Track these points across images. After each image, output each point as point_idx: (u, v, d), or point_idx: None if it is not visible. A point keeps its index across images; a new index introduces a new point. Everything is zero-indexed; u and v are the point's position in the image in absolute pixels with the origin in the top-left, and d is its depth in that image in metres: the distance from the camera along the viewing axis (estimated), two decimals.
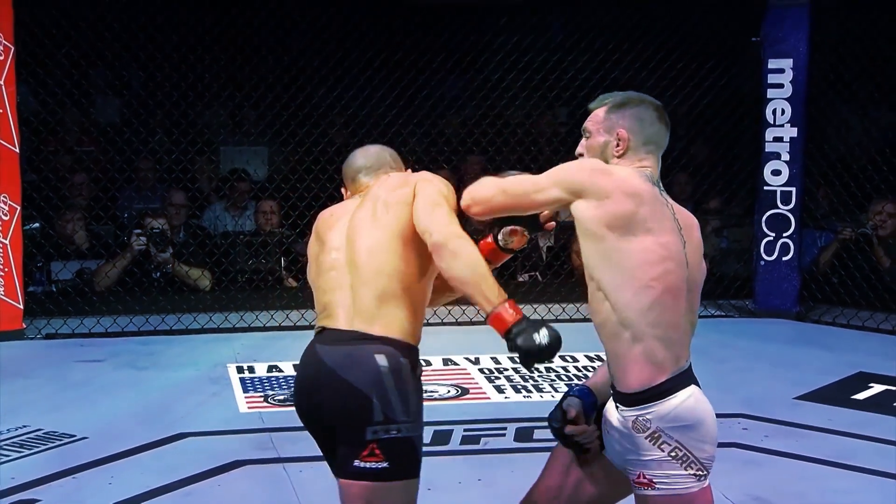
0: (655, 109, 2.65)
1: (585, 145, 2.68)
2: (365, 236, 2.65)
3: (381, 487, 2.53)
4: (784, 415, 5.02)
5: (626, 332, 2.48)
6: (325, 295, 2.70)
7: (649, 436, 2.46)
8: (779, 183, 7.03)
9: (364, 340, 2.56)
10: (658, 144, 2.64)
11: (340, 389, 2.53)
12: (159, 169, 7.55)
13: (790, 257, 7.10)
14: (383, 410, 2.50)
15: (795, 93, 6.94)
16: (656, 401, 2.46)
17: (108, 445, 4.52)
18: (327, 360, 2.57)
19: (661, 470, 2.46)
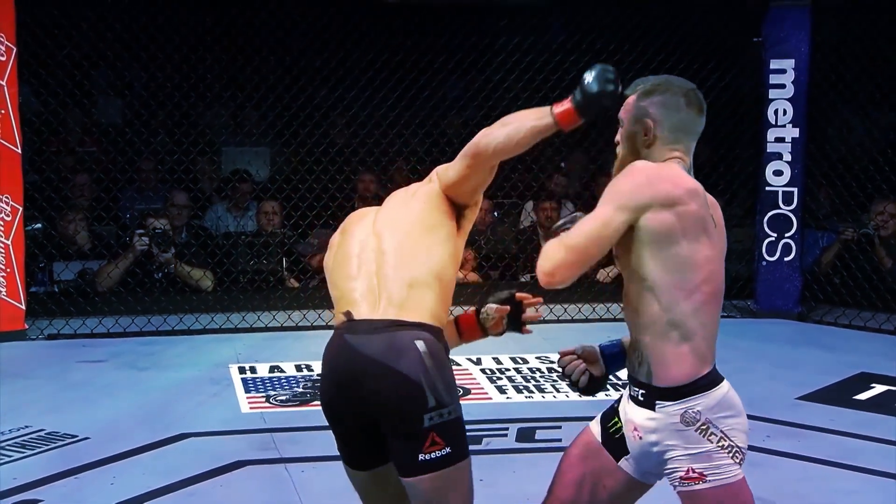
0: (684, 95, 2.57)
1: (621, 134, 2.62)
2: (394, 225, 2.68)
3: (451, 472, 2.55)
4: (786, 415, 5.03)
5: (675, 332, 2.46)
6: (347, 282, 2.65)
7: (699, 428, 2.45)
8: (780, 183, 7.03)
9: (399, 327, 2.53)
10: (687, 131, 2.56)
11: (391, 379, 2.49)
12: (161, 169, 7.55)
13: (792, 258, 7.10)
14: (433, 395, 2.49)
15: (797, 93, 6.94)
16: (704, 391, 2.46)
17: (109, 446, 4.52)
18: (366, 350, 2.51)
19: (711, 462, 2.44)
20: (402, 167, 7.79)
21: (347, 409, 2.59)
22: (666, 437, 2.48)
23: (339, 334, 2.60)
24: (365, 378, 2.51)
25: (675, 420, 2.46)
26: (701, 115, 2.60)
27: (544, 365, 5.88)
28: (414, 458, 2.51)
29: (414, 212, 2.69)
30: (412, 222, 2.67)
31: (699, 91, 2.62)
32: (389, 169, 7.68)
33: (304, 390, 5.46)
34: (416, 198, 2.72)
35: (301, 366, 5.88)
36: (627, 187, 2.44)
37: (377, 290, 2.60)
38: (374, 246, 2.66)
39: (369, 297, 2.60)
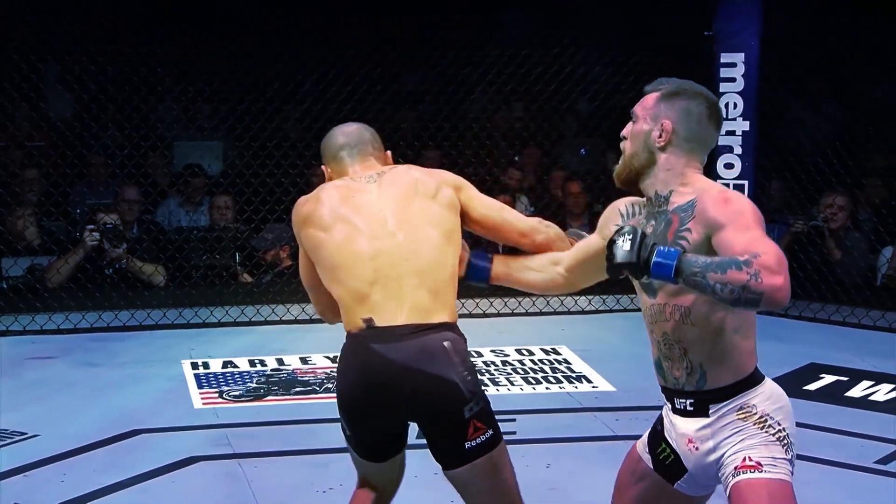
0: (708, 107, 2.53)
1: (631, 129, 2.56)
2: (419, 232, 2.69)
3: (497, 453, 2.68)
4: None
5: (737, 335, 2.48)
6: (363, 285, 2.65)
7: (757, 421, 2.45)
8: (731, 176, 7.09)
9: (426, 331, 2.62)
10: (702, 144, 2.53)
11: (427, 383, 2.59)
12: (112, 164, 7.46)
13: None
14: (466, 388, 2.61)
15: (747, 87, 7.00)
16: (758, 384, 2.49)
17: (60, 443, 4.48)
18: (398, 357, 2.59)
19: (769, 452, 2.42)
20: None
21: (380, 415, 2.69)
22: (722, 437, 2.47)
23: (363, 342, 2.64)
24: (401, 385, 2.60)
25: (731, 418, 2.47)
26: (717, 132, 2.58)
27: (498, 358, 5.89)
28: (461, 447, 2.63)
29: (436, 216, 2.73)
30: (434, 227, 2.72)
31: (720, 106, 2.60)
32: None
33: (257, 385, 5.43)
34: (437, 202, 2.75)
35: (255, 361, 5.85)
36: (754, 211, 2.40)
37: (399, 295, 2.65)
38: (391, 248, 2.68)
39: (391, 303, 2.64)
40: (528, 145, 8.12)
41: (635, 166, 2.54)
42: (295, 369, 5.69)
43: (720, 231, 2.34)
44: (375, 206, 2.73)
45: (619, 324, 6.84)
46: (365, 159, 2.88)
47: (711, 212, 2.38)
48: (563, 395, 5.34)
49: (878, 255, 7.23)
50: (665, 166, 2.51)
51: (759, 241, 2.29)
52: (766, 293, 2.22)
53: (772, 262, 2.23)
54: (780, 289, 2.23)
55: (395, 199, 2.74)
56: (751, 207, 2.40)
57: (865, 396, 5.31)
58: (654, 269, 2.29)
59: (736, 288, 2.23)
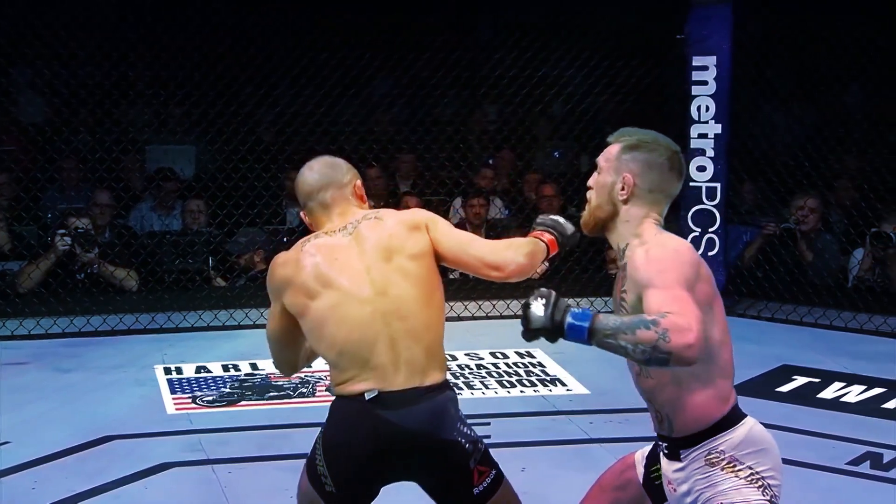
0: (669, 158, 2.54)
1: (596, 181, 2.58)
2: (404, 293, 2.70)
3: (503, 490, 2.80)
4: None
5: (696, 382, 2.45)
6: (359, 348, 2.66)
7: (724, 466, 2.45)
8: (704, 179, 7.12)
9: (428, 393, 2.67)
10: (665, 193, 2.54)
11: (438, 448, 2.67)
12: (83, 168, 7.41)
13: (716, 252, 7.20)
14: (467, 442, 2.71)
15: (719, 90, 7.03)
16: (727, 430, 2.47)
17: (31, 450, 4.45)
18: (409, 424, 2.63)
19: (740, 497, 2.43)
20: None
21: (383, 481, 2.74)
22: (695, 483, 2.48)
23: (367, 409, 2.65)
24: (412, 451, 2.67)
25: (700, 464, 2.47)
26: (680, 181, 2.58)
27: (473, 361, 5.89)
28: (470, 494, 2.72)
29: (416, 274, 2.74)
30: (417, 286, 2.73)
31: (681, 154, 2.60)
32: None
33: (231, 391, 5.41)
34: (414, 258, 2.74)
35: (228, 366, 5.83)
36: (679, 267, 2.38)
37: (395, 357, 2.67)
38: (383, 310, 2.68)
39: (388, 366, 2.66)
40: (501, 148, 8.14)
41: (600, 217, 2.56)
42: (269, 374, 5.67)
43: (645, 290, 2.34)
44: (358, 266, 2.72)
45: None
46: (337, 205, 2.85)
47: (637, 272, 2.39)
48: (538, 398, 5.34)
49: (849, 256, 7.27)
50: (625, 218, 2.52)
51: (673, 301, 2.26)
52: (674, 352, 2.19)
53: (681, 320, 2.21)
54: (690, 347, 2.20)
55: (375, 258, 2.73)
56: (676, 264, 2.37)
57: (837, 398, 5.35)
58: (568, 331, 2.28)
59: (647, 348, 2.21)
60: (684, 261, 2.39)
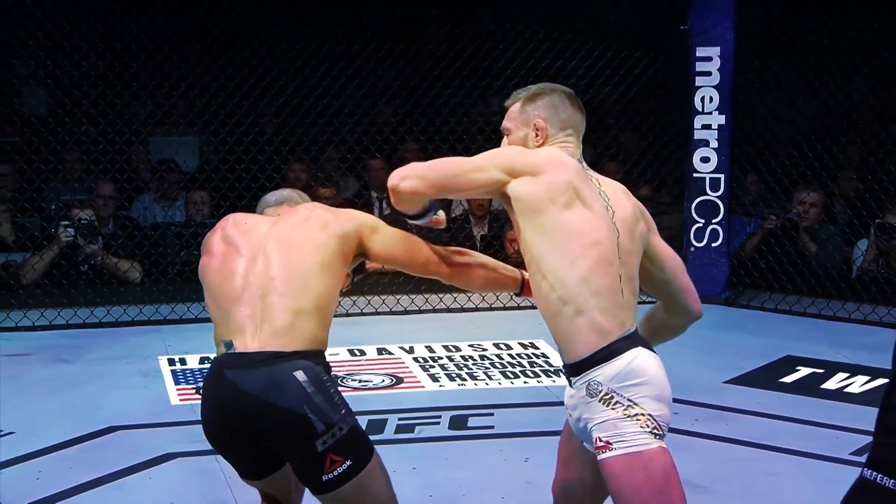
0: (568, 97, 2.71)
1: (507, 143, 2.73)
2: (295, 256, 2.65)
3: (358, 480, 2.60)
4: (713, 398, 5.10)
5: (567, 307, 2.51)
6: (230, 304, 2.64)
7: (602, 398, 2.48)
8: (708, 170, 7.12)
9: (278, 359, 2.56)
10: (575, 128, 2.70)
11: (274, 415, 2.53)
12: (86, 160, 7.41)
13: (719, 243, 7.20)
14: (321, 420, 2.53)
15: (723, 80, 7.04)
16: (604, 362, 2.49)
17: (34, 440, 4.45)
18: (246, 387, 2.53)
19: (616, 430, 2.46)
20: (333, 156, 7.75)
21: (234, 442, 2.65)
22: (582, 410, 2.55)
23: (218, 368, 2.61)
24: (248, 416, 2.55)
25: (582, 393, 2.53)
26: (583, 116, 2.73)
27: (476, 352, 5.89)
28: (318, 479, 2.58)
29: (318, 245, 2.67)
30: (312, 254, 2.66)
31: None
32: (319, 158, 7.63)
33: None
34: (325, 233, 2.70)
35: None
36: (501, 152, 2.63)
37: (259, 317, 2.60)
38: (262, 269, 2.65)
39: (250, 324, 2.60)
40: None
41: None
42: None
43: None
44: (262, 232, 2.73)
45: None
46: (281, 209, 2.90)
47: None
48: (541, 388, 5.34)
49: (853, 247, 7.27)
50: None
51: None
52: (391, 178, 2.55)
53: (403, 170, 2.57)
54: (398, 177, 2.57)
55: (283, 227, 2.73)
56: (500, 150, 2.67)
57: (841, 388, 5.34)
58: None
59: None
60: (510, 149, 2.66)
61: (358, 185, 7.92)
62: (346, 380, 5.38)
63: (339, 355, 5.84)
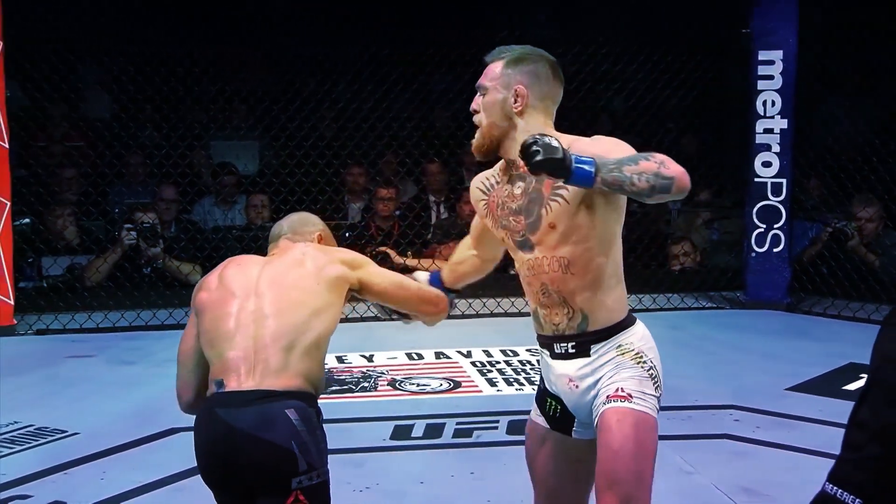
0: (551, 66, 2.65)
1: (481, 102, 2.63)
2: (287, 298, 2.66)
3: None
4: (775, 406, 5.03)
5: (613, 278, 2.61)
6: (223, 343, 2.64)
7: (634, 356, 2.59)
8: (769, 174, 7.05)
9: (271, 398, 2.56)
10: (553, 100, 2.66)
11: (263, 450, 2.53)
12: (149, 164, 7.52)
13: (781, 249, 7.12)
14: (306, 459, 2.54)
15: (785, 84, 6.97)
16: (632, 325, 2.64)
17: (99, 441, 4.51)
18: (238, 424, 2.53)
19: (640, 387, 2.55)
20: (391, 160, 7.78)
21: (225, 481, 2.63)
22: (602, 373, 2.59)
23: (209, 407, 2.61)
24: (238, 452, 2.55)
25: (611, 355, 2.59)
26: (562, 86, 2.68)
27: (535, 357, 5.88)
28: None
29: (309, 286, 2.68)
30: (304, 295, 2.66)
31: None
32: (378, 162, 7.67)
33: None
34: (317, 275, 2.70)
35: None
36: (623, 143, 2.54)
37: (253, 357, 2.60)
38: (254, 309, 2.65)
39: (244, 364, 2.60)
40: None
41: (496, 135, 2.62)
42: (331, 368, 5.71)
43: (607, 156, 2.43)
44: (255, 272, 2.73)
45: (651, 323, 6.56)
46: (286, 244, 2.90)
47: (591, 149, 2.45)
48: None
49: None
50: (526, 129, 2.58)
51: (646, 154, 2.40)
52: (675, 178, 2.36)
53: (666, 157, 2.39)
54: (684, 173, 2.38)
55: (276, 268, 2.74)
56: (615, 142, 2.52)
57: None
58: (576, 162, 2.35)
59: (650, 176, 2.35)
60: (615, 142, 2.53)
61: (416, 189, 7.95)
62: (403, 383, 5.40)
63: (396, 359, 5.86)
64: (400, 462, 4.29)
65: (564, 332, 2.63)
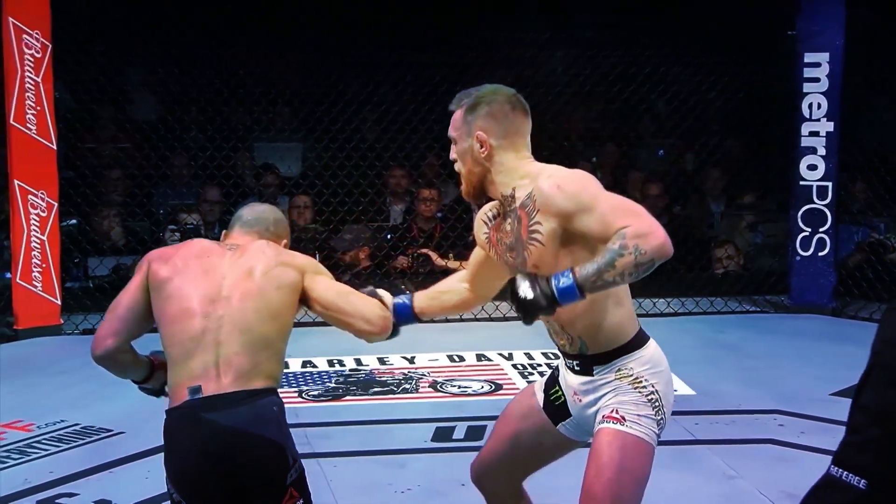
0: (509, 102, 2.67)
1: (456, 151, 2.72)
2: (249, 304, 2.70)
3: None
4: (820, 411, 5.00)
5: (609, 302, 2.62)
6: (193, 347, 2.67)
7: (632, 381, 2.62)
8: (815, 178, 6.99)
9: (256, 396, 2.62)
10: (519, 133, 2.67)
11: (262, 448, 2.58)
12: (194, 165, 7.60)
13: (826, 252, 7.06)
14: (290, 454, 2.63)
15: (831, 87, 6.90)
16: (636, 349, 2.65)
17: (144, 440, 4.55)
18: (234, 424, 2.58)
19: (636, 410, 2.59)
20: (433, 162, 7.80)
21: (218, 485, 2.63)
22: (601, 393, 2.65)
23: (190, 412, 2.62)
24: (237, 451, 2.58)
25: (610, 378, 2.64)
26: (527, 117, 2.70)
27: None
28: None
29: (268, 293, 2.72)
30: (263, 302, 2.71)
31: (518, 94, 2.70)
32: (420, 164, 7.69)
33: (336, 385, 5.49)
34: (274, 281, 2.74)
35: (333, 361, 5.91)
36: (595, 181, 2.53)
37: (222, 359, 2.65)
38: (221, 312, 2.69)
39: (214, 368, 2.64)
40: (605, 144, 8.09)
41: (475, 181, 2.70)
42: (373, 370, 5.73)
43: (572, 220, 2.48)
44: (220, 271, 2.76)
45: (694, 326, 6.78)
46: (248, 235, 2.93)
47: (552, 204, 2.50)
48: None
49: None
50: (499, 170, 2.66)
51: (610, 215, 2.41)
52: (654, 257, 2.36)
53: (640, 225, 2.37)
54: (663, 244, 2.37)
55: (239, 270, 2.76)
56: (581, 184, 2.50)
57: None
58: (560, 297, 2.42)
59: (631, 270, 2.37)
60: (588, 175, 2.54)
61: (458, 191, 7.95)
62: (445, 385, 5.41)
63: (438, 361, 5.87)
64: (441, 464, 4.30)
65: (568, 352, 2.72)
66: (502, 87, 2.71)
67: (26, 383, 5.47)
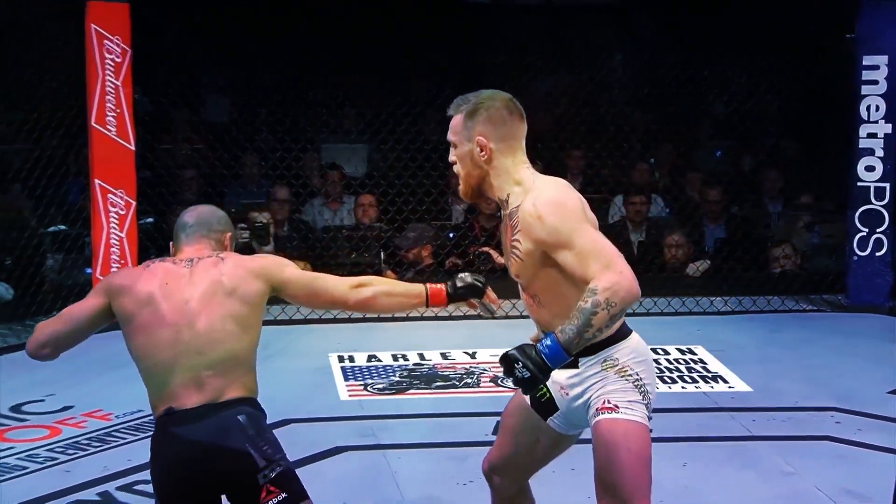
0: (506, 106, 2.76)
1: (456, 154, 2.81)
2: (217, 324, 2.83)
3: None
4: (877, 409, 5.03)
5: None
6: (166, 371, 2.80)
7: (617, 370, 2.73)
8: (872, 179, 7.02)
9: (222, 408, 2.79)
10: (516, 137, 2.77)
11: (224, 458, 2.75)
12: (264, 165, 7.78)
13: (883, 253, 7.08)
14: (262, 457, 2.76)
15: (890, 89, 6.91)
16: (619, 341, 2.75)
17: None
18: (197, 437, 2.75)
19: (626, 397, 2.71)
20: None
21: (189, 496, 2.81)
22: (589, 384, 2.76)
23: (162, 427, 2.80)
24: (200, 463, 2.76)
25: (596, 369, 2.74)
26: (523, 122, 2.80)
27: None
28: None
29: (234, 310, 2.85)
30: (231, 320, 2.84)
31: (515, 99, 2.80)
32: None
33: (400, 379, 5.62)
34: (237, 296, 2.86)
35: (397, 355, 6.04)
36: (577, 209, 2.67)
37: (195, 382, 2.79)
38: (190, 339, 2.81)
39: (186, 390, 2.79)
40: (662, 144, 8.14)
41: (474, 183, 2.81)
42: (435, 364, 5.87)
43: (550, 250, 2.64)
44: (183, 295, 2.87)
45: (751, 325, 6.83)
46: (197, 241, 3.02)
47: (531, 231, 2.66)
48: (699, 394, 5.36)
49: None
50: (496, 174, 2.77)
51: (586, 259, 2.57)
52: (624, 306, 2.56)
53: (608, 277, 2.54)
54: (629, 292, 2.55)
55: (201, 291, 2.87)
56: (560, 216, 2.62)
57: None
58: (551, 363, 2.59)
59: (607, 322, 2.56)
60: (568, 200, 2.66)
61: None
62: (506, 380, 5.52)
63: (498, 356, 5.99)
64: None
65: None
66: (500, 93, 2.81)
67: (105, 374, 5.61)
